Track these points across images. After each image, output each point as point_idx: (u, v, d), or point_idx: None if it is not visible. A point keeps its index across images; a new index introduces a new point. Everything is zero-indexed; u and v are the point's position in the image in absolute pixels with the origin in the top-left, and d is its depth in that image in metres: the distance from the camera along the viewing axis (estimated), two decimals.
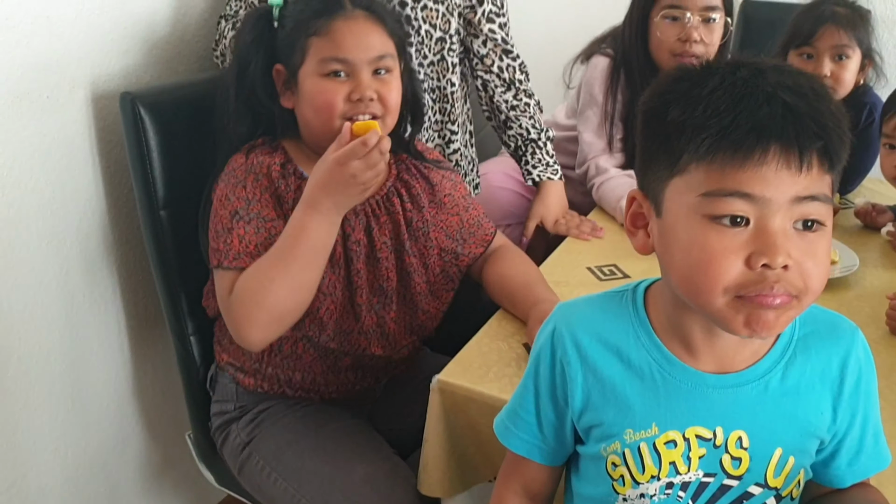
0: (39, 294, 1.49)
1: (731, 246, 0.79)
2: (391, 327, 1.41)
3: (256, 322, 1.26)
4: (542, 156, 1.89)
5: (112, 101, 1.52)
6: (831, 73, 1.91)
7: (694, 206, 0.80)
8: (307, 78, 1.31)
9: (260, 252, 1.28)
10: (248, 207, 1.29)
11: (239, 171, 1.32)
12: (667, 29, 1.89)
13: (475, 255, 1.51)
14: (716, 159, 0.78)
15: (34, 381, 1.52)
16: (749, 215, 0.79)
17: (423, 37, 1.72)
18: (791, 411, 0.91)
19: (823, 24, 1.89)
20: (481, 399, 1.23)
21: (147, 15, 1.59)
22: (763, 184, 0.77)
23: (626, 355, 0.93)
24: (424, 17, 1.71)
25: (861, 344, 0.95)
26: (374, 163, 1.21)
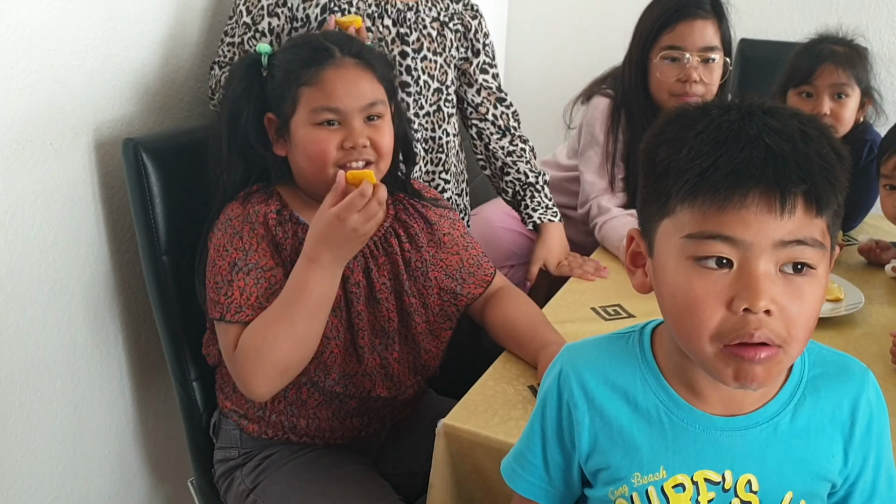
0: (41, 340, 1.49)
1: (713, 289, 0.79)
2: (395, 368, 1.41)
3: (262, 376, 1.26)
4: (541, 199, 1.89)
5: (114, 147, 1.53)
6: (831, 111, 1.92)
7: (679, 248, 0.81)
8: (299, 127, 1.32)
9: (261, 303, 1.28)
10: (247, 258, 1.29)
11: (235, 221, 1.32)
12: (666, 70, 1.90)
13: (474, 295, 1.51)
14: (697, 202, 0.79)
15: (35, 428, 1.51)
16: (732, 258, 0.79)
17: (422, 87, 1.74)
18: (801, 454, 0.90)
19: (822, 63, 1.90)
20: (487, 443, 1.21)
21: (148, 62, 1.60)
22: (744, 227, 0.77)
23: (633, 398, 0.92)
24: (423, 68, 1.73)
25: (872, 385, 0.93)
26: (373, 214, 1.22)
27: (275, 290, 1.29)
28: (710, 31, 1.88)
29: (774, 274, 0.78)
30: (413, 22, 1.71)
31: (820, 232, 0.79)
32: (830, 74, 1.90)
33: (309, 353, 1.28)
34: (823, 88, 1.92)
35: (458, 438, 1.23)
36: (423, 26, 1.72)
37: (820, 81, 1.91)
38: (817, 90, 1.92)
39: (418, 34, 1.72)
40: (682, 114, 0.84)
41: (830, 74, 1.90)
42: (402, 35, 1.70)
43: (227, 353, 1.30)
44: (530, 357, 1.39)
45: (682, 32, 1.88)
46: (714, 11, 1.90)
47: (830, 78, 1.90)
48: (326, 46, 1.33)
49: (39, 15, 1.37)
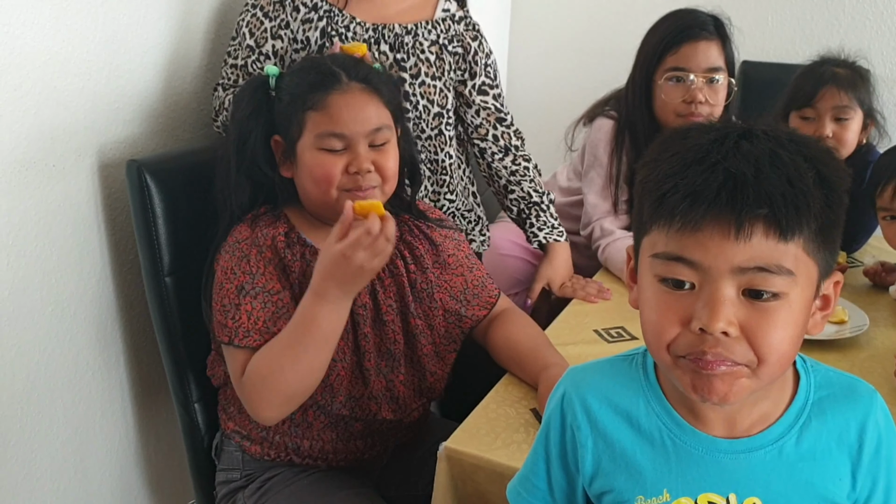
0: (43, 361, 1.49)
1: (674, 307, 0.81)
2: (400, 390, 1.40)
3: (269, 404, 1.27)
4: (547, 218, 1.89)
5: (118, 168, 1.53)
6: (833, 133, 1.92)
7: (649, 266, 0.83)
8: (305, 151, 1.32)
9: (268, 328, 1.28)
10: (254, 281, 1.29)
11: (243, 244, 1.32)
12: (671, 91, 1.90)
13: (478, 317, 1.51)
14: (661, 223, 0.81)
15: (37, 449, 1.51)
16: (693, 280, 0.80)
17: (421, 112, 1.74)
18: (807, 478, 0.88)
19: (824, 85, 1.90)
20: (489, 467, 1.21)
21: (152, 84, 1.61)
22: (703, 251, 0.78)
23: (636, 420, 0.92)
24: (422, 94, 1.73)
25: (880, 407, 0.92)
26: (380, 250, 1.20)
27: (282, 314, 1.29)
28: (714, 51, 1.89)
29: (737, 298, 0.78)
30: (411, 47, 1.71)
31: (791, 258, 0.78)
32: (832, 97, 1.90)
33: (315, 382, 1.29)
34: (825, 111, 1.91)
35: (460, 462, 1.23)
36: (420, 51, 1.72)
37: (822, 104, 1.91)
38: (819, 113, 1.92)
39: (416, 59, 1.72)
40: (668, 136, 0.86)
41: (832, 97, 1.90)
42: (398, 61, 1.70)
43: (235, 378, 1.30)
44: (532, 379, 1.38)
45: (687, 54, 1.88)
46: (717, 33, 1.90)
47: (832, 100, 1.90)
48: (333, 71, 1.34)
49: (43, 38, 1.38)
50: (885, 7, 2.88)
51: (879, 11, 2.89)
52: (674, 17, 1.94)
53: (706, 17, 1.91)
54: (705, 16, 1.91)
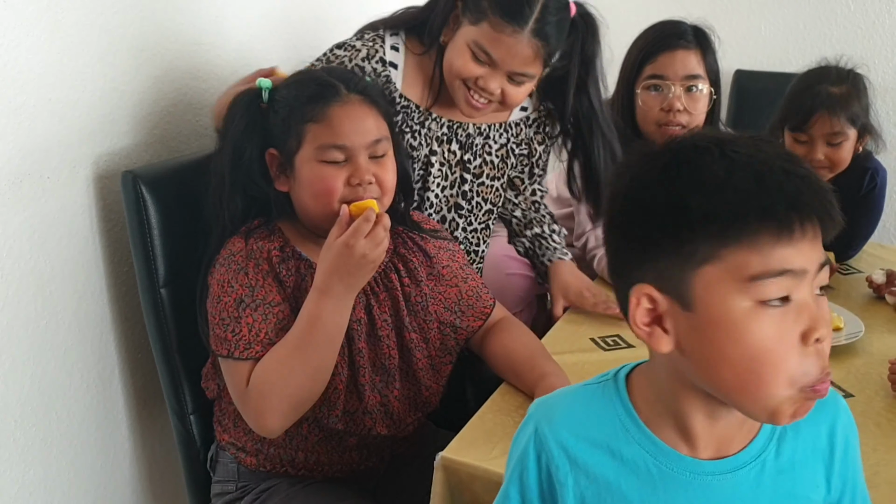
0: (38, 373, 1.48)
1: (784, 327, 0.77)
2: (395, 406, 1.40)
3: (277, 412, 1.26)
4: (549, 243, 1.88)
5: (113, 180, 1.53)
6: (825, 156, 1.90)
7: (740, 292, 0.77)
8: (305, 164, 1.32)
9: (271, 339, 1.27)
10: (253, 294, 1.29)
11: (239, 256, 1.32)
12: (650, 99, 1.92)
13: (473, 328, 1.51)
14: (756, 240, 0.76)
15: (31, 462, 1.50)
16: (791, 292, 0.77)
17: (473, 207, 1.75)
18: (790, 488, 0.89)
19: (816, 111, 1.87)
20: (486, 476, 1.20)
21: (147, 96, 1.61)
22: (803, 257, 0.76)
23: (617, 451, 0.88)
24: (479, 192, 1.75)
25: (844, 410, 0.93)
26: (380, 239, 1.23)
27: (283, 325, 1.29)
28: (692, 60, 1.90)
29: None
30: (479, 147, 1.72)
31: None
32: (824, 124, 1.87)
33: (322, 386, 1.29)
34: (818, 136, 1.90)
35: (457, 471, 1.22)
36: (487, 153, 1.73)
37: (814, 131, 1.90)
38: (812, 138, 1.91)
39: (481, 160, 1.73)
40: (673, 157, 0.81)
41: (824, 124, 1.87)
42: (464, 161, 1.70)
43: (238, 391, 1.29)
44: (528, 388, 1.38)
45: (665, 62, 1.90)
46: (697, 42, 1.91)
47: (824, 128, 1.88)
48: (332, 83, 1.34)
49: (37, 50, 1.38)
50: (876, 16, 2.90)
51: (871, 21, 2.91)
52: (654, 28, 1.97)
53: (686, 26, 1.93)
54: (686, 25, 1.93)
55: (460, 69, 1.55)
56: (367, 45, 1.64)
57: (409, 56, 1.66)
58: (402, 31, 1.67)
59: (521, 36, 1.48)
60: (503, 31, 1.48)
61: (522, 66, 1.52)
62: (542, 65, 1.55)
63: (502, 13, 1.47)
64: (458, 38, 1.56)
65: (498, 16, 1.48)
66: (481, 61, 1.52)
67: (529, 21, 1.48)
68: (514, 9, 1.47)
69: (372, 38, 1.66)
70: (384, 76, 1.63)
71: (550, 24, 1.50)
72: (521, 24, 1.48)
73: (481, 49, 1.51)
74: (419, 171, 1.68)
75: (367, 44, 1.64)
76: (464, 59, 1.54)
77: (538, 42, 1.50)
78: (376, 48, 1.64)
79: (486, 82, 1.54)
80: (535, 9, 1.48)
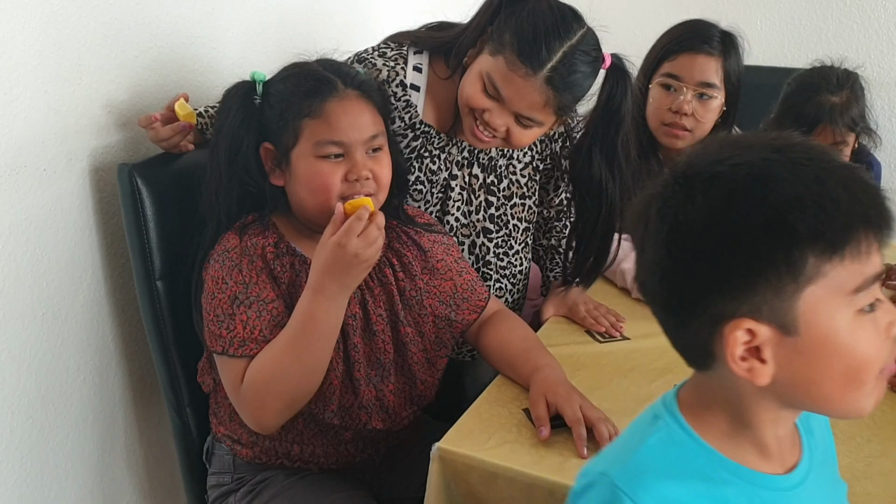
0: (34, 365, 1.48)
1: (881, 329, 0.77)
2: (390, 400, 1.40)
3: (273, 409, 1.28)
4: (560, 260, 1.83)
5: (109, 172, 1.53)
6: None
7: (845, 306, 0.75)
8: (301, 159, 1.31)
9: (265, 336, 1.28)
10: (248, 291, 1.29)
11: (233, 252, 1.32)
12: (661, 97, 1.89)
13: (468, 321, 1.51)
14: (859, 251, 0.74)
15: (26, 455, 1.50)
16: (877, 295, 0.78)
17: (511, 230, 1.71)
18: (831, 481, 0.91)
19: (819, 123, 1.87)
20: (482, 467, 1.21)
21: (144, 88, 1.61)
22: (881, 259, 0.77)
23: (716, 494, 0.81)
24: (513, 214, 1.70)
25: None
26: (373, 238, 1.22)
27: (278, 321, 1.29)
28: (711, 67, 1.86)
29: None
30: (504, 169, 1.67)
31: None
32: (826, 136, 1.87)
33: (317, 383, 1.29)
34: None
35: (453, 462, 1.23)
36: (513, 172, 1.68)
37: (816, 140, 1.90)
38: None
39: (508, 182, 1.68)
40: (760, 176, 0.75)
41: (826, 136, 1.87)
42: (488, 184, 1.66)
43: (233, 388, 1.30)
44: (523, 380, 1.39)
45: (683, 63, 1.86)
46: (722, 49, 1.87)
47: (826, 139, 1.87)
48: (328, 78, 1.33)
49: (34, 42, 1.38)
50: (872, 11, 2.90)
51: (867, 15, 2.91)
52: (683, 26, 1.93)
53: (715, 31, 1.89)
54: (715, 30, 1.89)
55: (469, 98, 1.48)
56: (389, 66, 1.57)
57: (432, 78, 1.60)
58: (428, 51, 1.61)
59: (534, 80, 1.39)
60: (516, 70, 1.40)
61: (529, 111, 1.44)
62: (552, 114, 1.45)
63: (519, 52, 1.39)
64: (475, 64, 1.49)
65: (514, 54, 1.39)
66: (490, 95, 1.45)
67: (545, 67, 1.39)
68: (531, 51, 1.38)
69: (394, 56, 1.59)
70: (404, 100, 1.57)
71: (569, 74, 1.40)
72: (535, 68, 1.39)
73: (492, 83, 1.44)
74: (438, 195, 1.64)
75: (389, 63, 1.57)
76: (474, 88, 1.47)
77: (550, 91, 1.40)
78: (397, 70, 1.57)
79: (491, 117, 1.46)
80: (554, 56, 1.39)
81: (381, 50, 1.59)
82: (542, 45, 1.38)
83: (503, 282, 1.72)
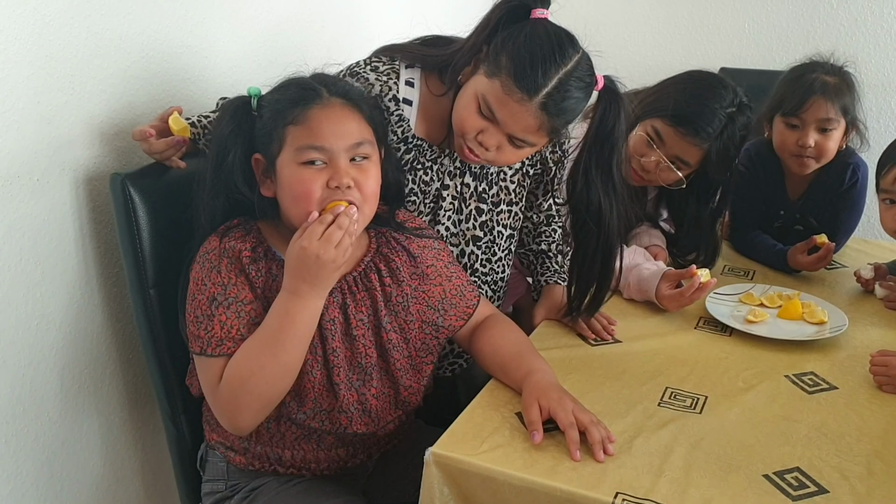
0: (28, 375, 1.48)
1: None
2: (373, 403, 1.40)
3: (248, 409, 1.28)
4: (551, 264, 1.85)
5: (102, 182, 1.54)
6: (815, 143, 1.95)
7: None
8: (285, 166, 1.31)
9: (242, 335, 1.29)
10: (226, 292, 1.30)
11: (212, 254, 1.32)
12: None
13: (455, 327, 1.51)
14: None
15: (23, 464, 1.50)
16: None
17: (496, 236, 1.71)
18: None
19: (811, 95, 1.93)
20: (476, 471, 1.22)
21: (136, 98, 1.61)
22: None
23: None
24: (499, 220, 1.71)
25: None
26: (335, 240, 1.23)
27: (256, 322, 1.30)
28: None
29: None
30: (495, 175, 1.68)
31: None
32: (819, 109, 1.93)
33: (290, 383, 1.30)
34: (811, 121, 1.94)
35: (447, 466, 1.24)
36: (503, 179, 1.69)
37: (808, 115, 1.94)
38: (804, 122, 1.95)
39: (497, 188, 1.68)
40: None
41: (819, 109, 1.93)
42: (480, 192, 1.66)
43: (210, 387, 1.31)
44: (516, 384, 1.40)
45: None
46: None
47: (818, 112, 1.93)
48: (314, 86, 1.34)
49: (26, 53, 1.38)
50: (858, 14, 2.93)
51: (853, 18, 2.94)
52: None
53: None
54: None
55: (463, 121, 1.48)
56: (381, 81, 1.57)
57: (425, 93, 1.60)
58: (420, 66, 1.61)
59: (529, 105, 1.39)
60: (511, 94, 1.40)
61: (523, 134, 1.44)
62: (545, 136, 1.46)
63: (515, 77, 1.39)
64: (471, 84, 1.48)
65: (510, 78, 1.39)
66: (485, 115, 1.45)
67: (540, 93, 1.38)
68: (527, 76, 1.38)
69: (386, 71, 1.59)
70: (396, 115, 1.57)
71: (563, 101, 1.41)
72: (530, 93, 1.38)
73: (487, 104, 1.43)
74: (430, 205, 1.64)
75: (381, 78, 1.57)
76: (469, 109, 1.46)
77: (544, 115, 1.40)
78: (390, 85, 1.57)
79: (484, 137, 1.46)
80: (550, 83, 1.39)
81: (374, 64, 1.60)
82: (538, 72, 1.38)
83: (484, 288, 1.73)
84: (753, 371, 1.52)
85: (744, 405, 1.41)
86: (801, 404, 1.41)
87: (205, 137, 1.53)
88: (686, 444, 1.28)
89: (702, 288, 1.69)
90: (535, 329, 1.69)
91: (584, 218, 1.55)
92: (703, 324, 1.71)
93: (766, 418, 1.37)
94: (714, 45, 3.18)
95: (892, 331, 1.70)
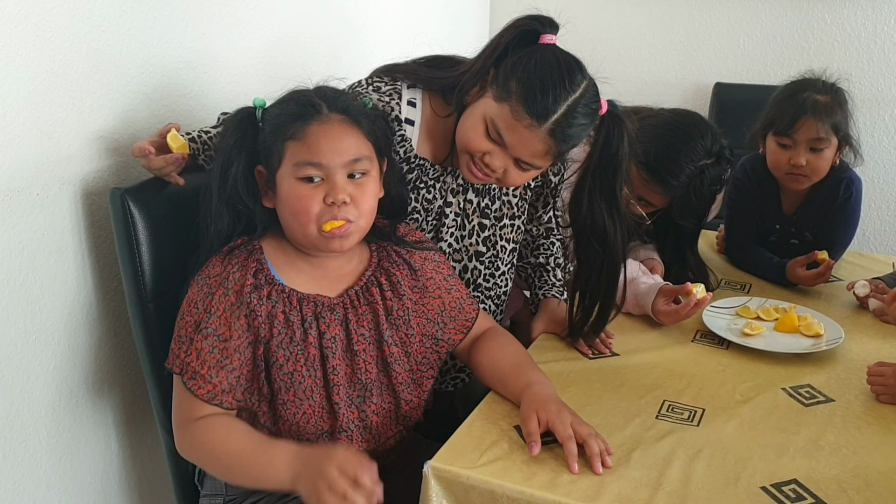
0: (27, 389, 1.49)
1: None
2: (374, 420, 1.40)
3: (204, 467, 1.41)
4: (549, 278, 1.85)
5: (101, 197, 1.54)
6: (807, 162, 1.96)
7: None
8: (284, 180, 1.32)
9: (211, 376, 1.29)
10: (209, 321, 1.30)
11: (213, 280, 1.33)
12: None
13: (455, 341, 1.52)
14: None
15: (21, 478, 1.50)
16: None
17: (499, 251, 1.72)
18: None
19: (802, 115, 1.93)
20: (474, 484, 1.22)
21: (136, 113, 1.62)
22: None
23: None
24: (502, 234, 1.71)
25: None
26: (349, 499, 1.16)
27: (224, 364, 1.29)
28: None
29: None
30: (498, 190, 1.68)
31: None
32: (809, 129, 1.94)
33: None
34: (802, 142, 1.96)
35: (446, 480, 1.24)
36: (505, 194, 1.69)
37: (799, 135, 1.95)
38: (796, 142, 1.96)
39: (500, 203, 1.69)
40: None
41: (809, 129, 1.94)
42: (482, 207, 1.67)
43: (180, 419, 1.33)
44: (514, 397, 1.40)
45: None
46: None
47: (809, 133, 1.94)
48: (315, 102, 1.34)
49: (26, 69, 1.39)
50: (852, 29, 2.95)
51: (847, 34, 2.96)
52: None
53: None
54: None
55: (469, 141, 1.48)
56: (384, 101, 1.57)
57: (428, 114, 1.61)
58: (422, 86, 1.61)
59: (538, 131, 1.41)
60: (521, 120, 1.40)
61: (530, 158, 1.46)
62: (551, 160, 1.48)
63: (525, 103, 1.39)
64: (478, 107, 1.49)
65: (520, 104, 1.40)
66: (492, 139, 1.46)
67: (549, 119, 1.40)
68: (537, 103, 1.39)
69: (389, 91, 1.59)
70: (399, 135, 1.57)
71: (570, 127, 1.42)
72: (540, 120, 1.40)
73: (495, 128, 1.44)
74: (432, 223, 1.65)
75: (384, 98, 1.57)
76: (476, 131, 1.47)
77: (552, 141, 1.42)
78: (392, 105, 1.57)
79: (491, 159, 1.47)
80: (559, 110, 1.40)
81: (376, 84, 1.60)
82: (548, 98, 1.39)
83: (487, 303, 1.73)
84: (750, 384, 1.53)
85: (741, 418, 1.41)
86: (798, 417, 1.42)
87: (205, 153, 1.54)
88: (684, 456, 1.29)
89: (698, 304, 1.70)
90: (533, 342, 1.69)
91: (589, 239, 1.56)
92: (701, 337, 1.72)
93: (763, 431, 1.37)
94: (709, 60, 3.19)
95: (888, 343, 1.71)
